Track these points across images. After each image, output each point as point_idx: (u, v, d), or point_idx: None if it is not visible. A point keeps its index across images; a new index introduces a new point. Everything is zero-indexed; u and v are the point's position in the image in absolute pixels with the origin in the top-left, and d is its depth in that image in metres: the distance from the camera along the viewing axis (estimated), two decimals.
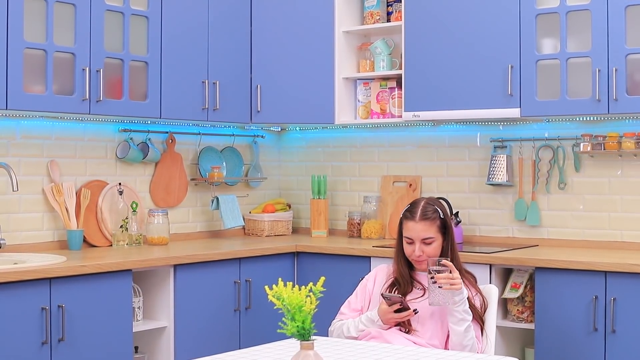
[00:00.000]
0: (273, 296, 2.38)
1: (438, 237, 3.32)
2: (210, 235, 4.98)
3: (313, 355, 2.33)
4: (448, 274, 3.11)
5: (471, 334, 3.15)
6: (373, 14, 4.87)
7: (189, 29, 4.44)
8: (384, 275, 3.44)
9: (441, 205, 3.39)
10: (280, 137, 5.44)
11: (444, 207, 3.40)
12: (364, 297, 3.44)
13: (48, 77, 3.82)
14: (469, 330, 3.14)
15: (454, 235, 3.37)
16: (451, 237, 3.35)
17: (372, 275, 3.48)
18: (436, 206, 3.35)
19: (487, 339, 3.24)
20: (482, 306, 3.30)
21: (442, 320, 3.21)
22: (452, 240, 3.35)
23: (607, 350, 3.71)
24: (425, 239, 3.30)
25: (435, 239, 3.31)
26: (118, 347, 3.74)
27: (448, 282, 3.10)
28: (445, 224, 3.33)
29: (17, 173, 3.96)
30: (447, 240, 3.34)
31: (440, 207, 3.37)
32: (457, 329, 3.14)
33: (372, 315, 3.26)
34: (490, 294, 3.34)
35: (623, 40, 3.93)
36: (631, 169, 4.30)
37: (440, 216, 3.33)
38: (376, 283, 3.43)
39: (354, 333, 3.29)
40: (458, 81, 4.38)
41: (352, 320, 3.33)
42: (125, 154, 4.50)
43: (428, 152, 4.91)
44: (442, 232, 3.33)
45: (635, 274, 3.64)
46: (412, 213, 3.33)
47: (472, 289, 3.30)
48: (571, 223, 4.46)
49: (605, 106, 3.97)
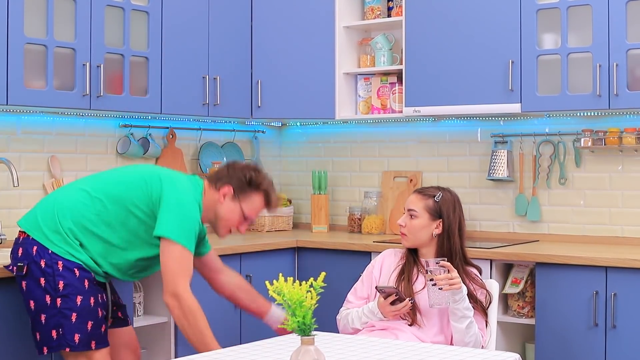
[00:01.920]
0: (274, 291, 2.38)
1: (425, 217, 3.28)
2: (211, 231, 4.96)
3: (314, 350, 2.33)
4: (447, 274, 3.09)
5: (473, 330, 3.15)
6: (374, 9, 4.86)
7: (190, 24, 4.44)
8: (391, 262, 3.40)
9: (448, 195, 3.34)
10: (281, 132, 5.44)
11: (452, 198, 3.35)
12: (369, 284, 3.40)
13: (48, 73, 3.82)
14: (470, 327, 3.14)
15: (455, 227, 3.31)
16: (449, 228, 3.29)
17: (379, 261, 3.44)
18: (440, 191, 3.33)
19: (490, 332, 3.25)
20: (486, 298, 3.29)
21: (448, 315, 3.21)
22: (452, 232, 3.30)
23: (608, 346, 3.71)
24: (410, 210, 3.30)
25: (419, 215, 3.28)
26: None
27: (447, 283, 3.08)
28: (438, 210, 3.28)
29: (17, 168, 3.96)
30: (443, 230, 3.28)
31: (445, 194, 3.33)
32: (459, 326, 3.13)
33: (373, 307, 3.25)
34: (491, 289, 3.34)
35: (624, 36, 3.93)
36: (632, 164, 4.30)
37: (435, 198, 3.30)
38: (382, 271, 3.39)
39: (358, 325, 3.29)
40: (459, 76, 4.37)
41: (355, 311, 3.32)
42: (125, 149, 4.50)
43: (429, 148, 4.91)
44: (431, 214, 3.28)
45: (635, 269, 3.64)
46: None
47: (476, 283, 3.30)
48: (572, 218, 4.46)
49: (606, 101, 3.97)
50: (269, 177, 3.40)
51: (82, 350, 3.13)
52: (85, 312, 3.14)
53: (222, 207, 3.30)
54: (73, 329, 3.11)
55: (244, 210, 3.31)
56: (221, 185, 3.30)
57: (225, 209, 3.31)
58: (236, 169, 3.34)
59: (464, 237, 3.36)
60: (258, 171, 3.35)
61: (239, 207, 3.30)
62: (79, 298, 3.13)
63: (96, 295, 3.19)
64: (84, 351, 3.14)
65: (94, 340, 3.16)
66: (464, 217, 3.37)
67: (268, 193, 3.34)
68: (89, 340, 3.14)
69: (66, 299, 3.12)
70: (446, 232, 3.30)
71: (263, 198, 3.34)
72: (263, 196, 3.33)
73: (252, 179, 3.31)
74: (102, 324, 3.21)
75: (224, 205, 3.30)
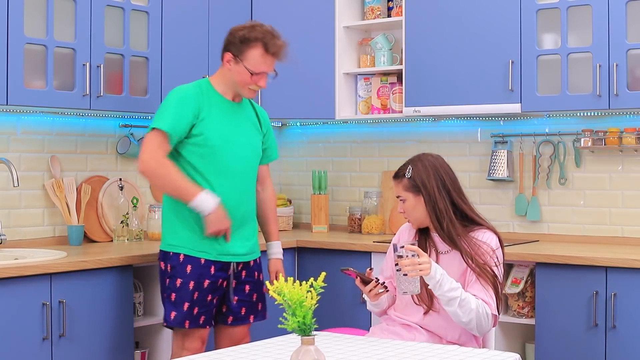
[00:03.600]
0: (274, 291, 2.38)
1: (409, 196, 3.19)
2: None
3: (314, 350, 2.34)
4: (412, 259, 2.93)
5: (467, 307, 2.99)
6: (374, 9, 4.86)
7: (190, 24, 4.44)
8: (406, 238, 3.30)
9: (419, 164, 3.20)
10: (281, 132, 5.44)
11: (425, 164, 3.20)
12: (390, 263, 3.29)
13: (48, 73, 3.82)
14: (464, 304, 2.99)
15: (435, 192, 3.14)
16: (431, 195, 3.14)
17: (396, 238, 3.35)
18: (410, 164, 3.22)
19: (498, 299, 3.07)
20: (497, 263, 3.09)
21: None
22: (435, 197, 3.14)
23: (608, 346, 3.71)
24: (398, 197, 3.24)
25: (405, 198, 3.20)
26: (119, 342, 3.74)
27: (413, 269, 2.92)
28: (414, 184, 3.17)
29: (17, 168, 3.96)
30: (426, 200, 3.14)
31: (416, 165, 3.21)
32: (450, 309, 3.01)
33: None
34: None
35: (624, 36, 3.93)
36: (632, 164, 4.30)
37: (406, 175, 3.20)
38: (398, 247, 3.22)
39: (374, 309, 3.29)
40: (459, 76, 4.37)
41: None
42: (125, 149, 4.50)
43: (429, 148, 4.90)
44: (412, 192, 3.18)
45: (635, 269, 3.64)
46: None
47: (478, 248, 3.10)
48: (572, 218, 4.46)
49: (606, 101, 3.97)
50: (265, 27, 3.54)
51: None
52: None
53: (232, 73, 3.54)
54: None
55: (248, 67, 3.50)
56: (223, 54, 3.56)
57: (234, 74, 3.54)
58: (230, 34, 3.57)
59: (455, 196, 3.17)
60: (250, 27, 3.53)
61: (242, 67, 3.51)
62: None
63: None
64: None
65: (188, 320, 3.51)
66: (448, 175, 3.19)
67: (263, 42, 3.50)
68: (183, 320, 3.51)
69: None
70: (430, 200, 3.16)
71: (260, 49, 3.51)
72: (259, 47, 3.51)
73: (243, 37, 3.50)
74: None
75: (232, 71, 3.54)
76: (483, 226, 3.18)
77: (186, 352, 3.50)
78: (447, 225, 3.13)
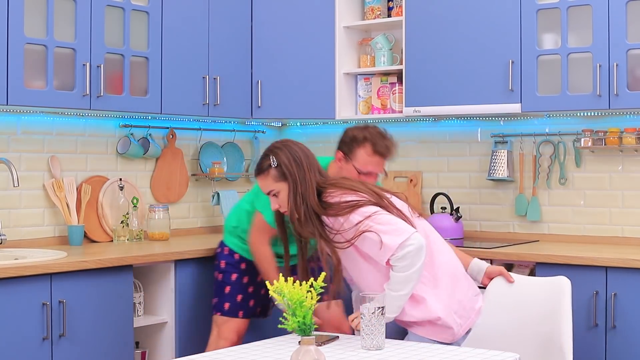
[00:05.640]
0: (274, 291, 2.38)
1: (283, 186, 3.14)
2: (211, 231, 4.97)
3: (314, 350, 2.34)
4: (353, 321, 3.03)
5: (398, 295, 3.00)
6: (374, 9, 4.86)
7: (190, 24, 4.44)
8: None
9: (280, 153, 3.15)
10: (281, 132, 5.44)
11: (286, 150, 3.16)
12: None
13: (49, 73, 3.82)
14: (397, 300, 3.01)
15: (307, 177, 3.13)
16: (296, 182, 3.11)
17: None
18: (271, 154, 3.16)
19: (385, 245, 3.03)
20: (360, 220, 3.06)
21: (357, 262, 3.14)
22: (299, 186, 3.11)
23: (608, 346, 3.71)
24: (269, 193, 3.19)
25: (278, 189, 3.15)
26: (119, 342, 3.74)
27: (356, 327, 2.99)
28: (283, 171, 3.12)
29: (17, 168, 3.96)
30: (291, 188, 3.12)
31: (278, 154, 3.15)
32: (398, 313, 3.07)
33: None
34: (561, 286, 3.15)
35: (624, 36, 3.93)
36: (632, 164, 4.30)
37: (272, 165, 3.14)
38: None
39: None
40: (459, 76, 4.37)
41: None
42: (126, 149, 4.50)
43: (429, 148, 4.91)
44: (282, 180, 3.14)
45: (636, 269, 3.64)
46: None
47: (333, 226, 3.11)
48: (572, 218, 4.46)
49: (606, 101, 3.97)
50: (377, 128, 3.63)
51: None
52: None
53: (343, 171, 3.61)
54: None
55: (356, 167, 3.58)
56: (335, 152, 3.67)
57: (344, 172, 3.59)
58: (344, 134, 3.68)
59: (317, 176, 3.18)
60: (362, 127, 3.64)
61: (351, 166, 3.59)
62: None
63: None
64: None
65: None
66: (306, 154, 3.20)
67: (372, 142, 3.56)
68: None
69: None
70: (294, 187, 3.12)
71: (369, 149, 3.57)
72: (368, 147, 3.56)
73: (353, 136, 3.59)
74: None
75: (343, 170, 3.62)
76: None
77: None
78: (307, 212, 3.10)
